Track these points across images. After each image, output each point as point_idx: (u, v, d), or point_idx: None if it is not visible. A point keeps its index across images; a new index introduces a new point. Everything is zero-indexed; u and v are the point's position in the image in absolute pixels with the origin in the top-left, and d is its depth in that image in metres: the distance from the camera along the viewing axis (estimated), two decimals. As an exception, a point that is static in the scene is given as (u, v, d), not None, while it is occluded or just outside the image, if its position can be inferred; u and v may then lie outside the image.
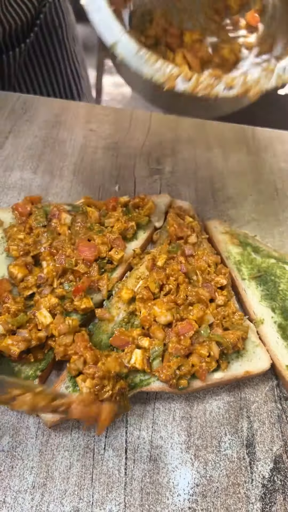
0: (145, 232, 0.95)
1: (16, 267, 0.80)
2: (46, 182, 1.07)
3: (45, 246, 0.84)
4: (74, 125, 1.24)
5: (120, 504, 0.64)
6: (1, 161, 1.10)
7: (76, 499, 0.64)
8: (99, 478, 0.66)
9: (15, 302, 0.76)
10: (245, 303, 0.87)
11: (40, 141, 1.18)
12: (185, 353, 0.74)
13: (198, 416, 0.74)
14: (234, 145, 1.27)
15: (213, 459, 0.69)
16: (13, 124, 1.21)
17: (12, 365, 0.73)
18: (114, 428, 0.71)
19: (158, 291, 0.81)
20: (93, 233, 0.87)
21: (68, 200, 1.04)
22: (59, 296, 0.78)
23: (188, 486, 0.67)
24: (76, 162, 1.14)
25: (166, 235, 0.93)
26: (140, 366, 0.72)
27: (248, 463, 0.70)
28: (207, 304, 0.81)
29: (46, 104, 1.29)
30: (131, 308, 0.80)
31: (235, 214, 1.08)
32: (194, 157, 1.21)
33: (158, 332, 0.75)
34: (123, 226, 0.89)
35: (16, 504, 0.63)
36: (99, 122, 1.26)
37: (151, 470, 0.67)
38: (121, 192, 1.08)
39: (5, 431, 0.69)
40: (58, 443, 0.69)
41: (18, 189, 1.04)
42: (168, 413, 0.74)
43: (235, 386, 0.78)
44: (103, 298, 0.82)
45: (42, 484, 0.65)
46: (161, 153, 1.20)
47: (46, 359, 0.74)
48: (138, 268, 0.87)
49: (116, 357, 0.71)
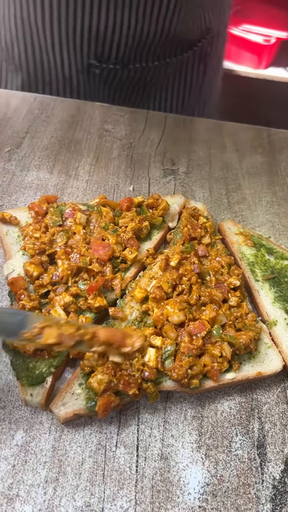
0: (158, 232, 0.95)
1: (31, 265, 0.81)
2: (62, 181, 1.09)
3: (60, 245, 0.85)
4: (90, 125, 1.25)
5: (131, 501, 0.65)
6: (18, 161, 1.12)
7: (87, 495, 0.65)
8: (110, 475, 0.67)
9: (30, 299, 0.77)
10: (258, 305, 0.87)
11: (56, 141, 1.19)
12: (197, 353, 0.74)
13: (209, 415, 0.74)
14: (249, 146, 1.27)
15: (223, 459, 0.70)
16: (30, 124, 1.22)
17: (27, 361, 0.74)
18: (126, 426, 0.72)
19: (171, 291, 0.81)
20: (107, 233, 0.88)
21: (83, 200, 1.05)
22: (73, 295, 0.79)
23: (199, 485, 0.67)
24: (91, 162, 1.15)
25: (179, 235, 0.93)
26: (153, 364, 0.73)
27: (258, 464, 0.70)
28: (220, 305, 0.81)
29: (62, 104, 1.30)
30: (144, 308, 0.81)
31: (249, 215, 1.08)
32: (208, 158, 1.21)
33: (170, 331, 0.76)
34: (137, 226, 0.90)
35: (29, 498, 0.64)
36: (115, 123, 1.27)
37: (162, 468, 0.68)
38: (136, 192, 1.09)
39: (19, 426, 0.70)
40: (70, 439, 0.70)
41: (34, 189, 1.06)
42: (180, 412, 0.74)
43: (247, 387, 0.78)
44: (116, 297, 0.83)
45: (55, 479, 0.66)
46: (176, 153, 1.21)
47: (60, 356, 0.75)
48: (152, 268, 0.87)
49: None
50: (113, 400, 0.68)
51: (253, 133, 1.31)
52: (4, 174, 1.08)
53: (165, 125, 1.29)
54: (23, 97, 1.30)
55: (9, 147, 1.15)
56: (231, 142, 1.27)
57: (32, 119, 1.24)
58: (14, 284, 0.79)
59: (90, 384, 0.70)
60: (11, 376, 0.75)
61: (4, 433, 0.69)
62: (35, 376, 0.73)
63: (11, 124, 1.21)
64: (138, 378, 0.71)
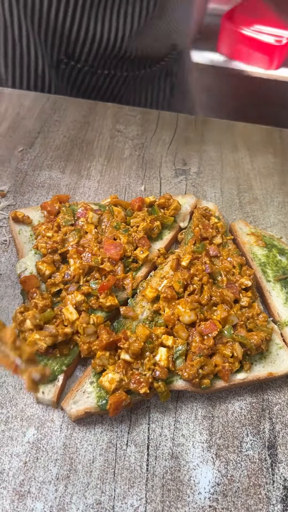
0: (170, 232, 0.95)
1: (44, 264, 0.82)
2: (74, 181, 1.09)
3: (72, 244, 0.85)
4: (102, 125, 1.26)
5: (142, 499, 0.65)
6: (31, 161, 1.13)
7: (98, 492, 0.65)
8: (121, 473, 0.67)
9: (42, 298, 0.78)
10: (270, 305, 0.87)
11: (68, 141, 1.20)
12: (208, 353, 0.74)
13: (220, 415, 0.74)
14: (260, 146, 1.26)
15: (234, 459, 0.70)
16: (42, 124, 1.23)
17: (38, 359, 0.75)
18: (136, 425, 0.72)
19: (182, 291, 0.81)
20: (119, 232, 0.89)
21: (95, 200, 1.05)
22: (85, 293, 0.79)
23: (209, 484, 0.67)
24: (103, 162, 1.15)
25: (191, 235, 0.94)
26: (165, 364, 0.73)
27: (269, 464, 0.70)
28: (231, 305, 0.81)
29: (74, 104, 1.31)
30: (155, 307, 0.81)
31: (261, 215, 1.07)
32: (220, 158, 1.21)
33: (181, 331, 0.76)
34: (148, 225, 0.90)
35: (40, 495, 0.64)
36: (127, 123, 1.28)
37: (172, 467, 0.68)
38: (147, 192, 1.09)
39: (30, 423, 0.71)
40: (82, 437, 0.70)
41: (46, 188, 1.07)
42: (190, 411, 0.74)
43: (258, 387, 0.78)
44: (127, 296, 0.84)
45: (66, 476, 0.66)
46: (187, 154, 1.21)
47: (71, 354, 0.76)
48: (163, 268, 0.88)
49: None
50: (124, 398, 0.69)
51: (264, 134, 1.31)
52: (17, 174, 1.09)
53: (176, 125, 1.29)
54: (36, 97, 1.31)
55: (22, 147, 1.16)
56: (242, 142, 1.27)
57: (44, 119, 1.25)
58: (26, 283, 0.80)
59: (101, 382, 0.71)
60: (23, 374, 0.76)
61: (16, 430, 0.70)
62: (47, 374, 0.73)
63: (24, 124, 1.22)
64: (149, 377, 0.71)
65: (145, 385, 0.70)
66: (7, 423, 0.70)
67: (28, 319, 0.74)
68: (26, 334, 0.74)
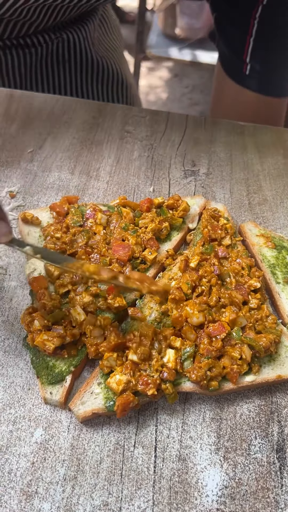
0: (178, 233, 0.95)
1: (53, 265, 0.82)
2: (83, 182, 1.10)
3: (81, 245, 0.86)
4: (111, 126, 1.26)
5: (149, 501, 0.65)
6: (40, 162, 1.13)
7: (105, 494, 0.65)
8: (128, 475, 0.67)
9: (51, 299, 0.78)
10: (279, 307, 0.86)
11: (77, 143, 1.20)
12: (216, 354, 0.74)
13: (228, 418, 0.74)
14: (270, 147, 1.25)
15: (242, 462, 0.69)
16: (52, 125, 1.24)
17: (46, 360, 0.75)
18: (144, 426, 0.72)
19: (191, 292, 0.81)
20: (127, 233, 0.89)
21: (104, 201, 1.06)
22: (93, 295, 0.80)
23: (217, 487, 0.67)
24: (112, 163, 1.16)
25: (199, 236, 0.93)
26: (172, 365, 0.73)
27: (278, 468, 0.69)
28: (240, 307, 0.81)
29: (84, 106, 1.31)
30: (163, 308, 0.81)
31: (270, 216, 1.07)
32: (229, 159, 1.21)
33: (189, 333, 0.76)
34: (156, 227, 0.90)
35: (48, 495, 0.64)
36: (136, 124, 1.28)
37: (180, 470, 0.68)
38: (156, 193, 1.09)
39: (38, 424, 0.71)
40: (89, 438, 0.70)
41: (56, 189, 1.07)
42: (198, 413, 0.74)
43: (267, 390, 0.77)
44: (136, 297, 0.84)
45: (73, 477, 0.66)
46: (197, 154, 1.21)
47: (79, 355, 0.76)
48: (171, 269, 0.87)
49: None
50: (131, 400, 0.69)
51: (274, 134, 1.30)
52: (26, 175, 1.09)
53: (186, 126, 1.29)
54: (46, 98, 1.32)
55: (31, 148, 1.16)
56: (252, 143, 1.26)
57: (54, 120, 1.26)
58: (35, 284, 0.80)
59: (108, 384, 0.71)
60: (31, 374, 0.76)
61: (24, 430, 0.70)
62: (54, 374, 0.74)
63: (34, 126, 1.23)
64: (157, 379, 0.71)
65: (153, 387, 0.70)
66: (15, 423, 0.71)
67: (36, 320, 0.74)
68: (34, 335, 0.74)
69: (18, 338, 0.80)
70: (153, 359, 0.73)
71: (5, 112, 1.26)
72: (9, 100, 1.30)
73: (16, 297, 0.86)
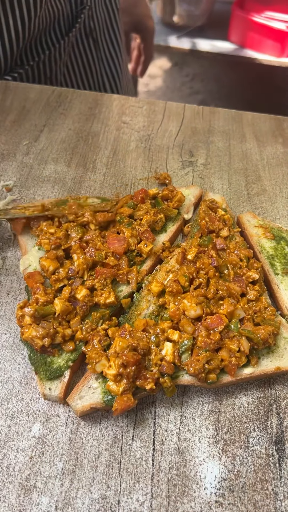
0: (174, 224, 0.94)
1: (47, 260, 0.81)
2: (79, 175, 1.09)
3: (75, 240, 0.85)
4: (107, 117, 1.25)
5: (147, 494, 0.65)
6: (36, 154, 1.12)
7: (104, 487, 0.65)
8: (126, 468, 0.67)
9: (45, 293, 0.77)
10: (278, 298, 0.85)
11: (74, 134, 1.19)
12: (214, 347, 0.73)
13: (226, 410, 0.73)
14: (269, 136, 1.24)
15: (241, 454, 0.69)
16: (48, 117, 1.23)
17: (44, 355, 0.74)
18: (142, 420, 0.72)
19: (188, 285, 0.81)
20: (122, 226, 0.88)
21: (101, 193, 1.05)
22: (89, 288, 0.79)
23: (215, 480, 0.67)
24: (109, 155, 1.14)
25: (197, 228, 0.92)
26: (170, 359, 0.72)
27: (276, 460, 0.69)
28: (238, 299, 0.80)
29: (80, 97, 1.30)
30: (161, 301, 0.80)
31: (269, 207, 1.05)
32: (228, 149, 1.19)
33: (187, 325, 0.75)
34: (152, 218, 0.89)
35: (46, 489, 0.64)
36: (133, 114, 1.26)
37: (178, 463, 0.68)
38: (154, 184, 1.08)
39: (36, 418, 0.71)
40: (87, 432, 0.70)
41: (52, 182, 1.06)
42: (197, 406, 0.74)
43: (265, 382, 0.77)
44: (132, 290, 0.83)
45: (71, 471, 0.66)
46: (194, 145, 1.19)
47: (77, 349, 0.75)
48: (168, 261, 0.87)
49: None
50: (130, 404, 0.68)
51: (274, 123, 1.28)
52: (22, 168, 1.08)
53: (183, 116, 1.28)
54: (41, 90, 1.30)
55: (27, 141, 1.15)
56: (251, 132, 1.25)
57: (50, 111, 1.24)
58: (30, 279, 0.80)
59: (108, 387, 0.70)
60: (28, 369, 0.76)
61: (22, 425, 0.70)
62: (53, 370, 0.73)
63: (29, 117, 1.22)
64: (155, 373, 0.70)
65: (151, 381, 0.69)
66: (13, 418, 0.71)
67: (26, 315, 0.74)
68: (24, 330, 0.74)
69: (15, 333, 0.80)
70: (152, 353, 0.73)
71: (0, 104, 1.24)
72: (4, 92, 1.28)
73: (13, 291, 0.85)
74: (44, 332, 0.72)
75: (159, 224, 0.90)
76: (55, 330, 0.73)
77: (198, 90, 4.02)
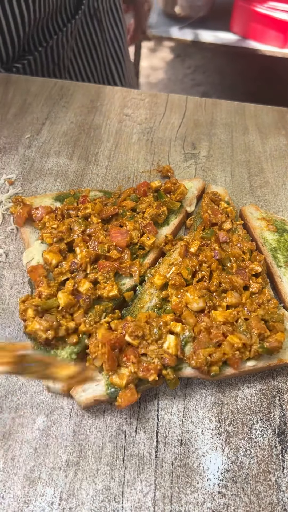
0: (176, 217, 0.94)
1: (50, 253, 0.81)
2: (82, 168, 1.08)
3: (78, 233, 0.85)
4: (109, 110, 1.24)
5: (151, 486, 0.65)
6: (38, 147, 1.12)
7: (108, 478, 0.66)
8: (130, 459, 0.67)
9: (48, 286, 0.77)
10: (281, 291, 0.85)
11: (75, 127, 1.18)
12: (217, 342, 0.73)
13: (229, 402, 0.74)
14: (272, 128, 1.23)
15: (244, 445, 0.69)
16: (49, 110, 1.22)
17: (48, 348, 0.75)
18: (145, 412, 0.72)
19: (191, 278, 0.81)
20: (125, 219, 0.88)
21: (103, 186, 1.04)
22: (92, 281, 0.79)
23: (218, 471, 0.67)
24: (111, 147, 1.14)
25: (200, 221, 0.92)
26: (173, 351, 0.72)
27: (279, 451, 0.69)
28: (241, 291, 0.80)
29: (82, 89, 1.29)
30: (164, 294, 0.80)
31: (272, 199, 1.05)
32: (230, 141, 1.19)
33: (189, 318, 0.75)
34: (154, 211, 0.89)
35: (51, 480, 0.65)
36: (135, 107, 1.26)
37: (181, 454, 0.68)
38: (156, 177, 1.08)
39: (40, 410, 0.71)
40: (91, 424, 0.70)
41: (54, 175, 1.06)
42: (200, 398, 0.74)
43: (268, 374, 0.77)
44: (135, 283, 0.83)
45: (76, 462, 0.67)
46: (197, 137, 1.19)
47: (81, 342, 0.76)
48: (171, 254, 0.87)
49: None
50: (134, 399, 0.68)
51: (276, 115, 1.27)
52: (24, 161, 1.08)
53: (185, 108, 1.27)
54: (43, 83, 1.30)
55: (29, 134, 1.15)
56: (253, 124, 1.24)
57: (52, 104, 1.24)
58: (33, 272, 0.80)
59: (112, 380, 0.70)
60: (32, 362, 0.76)
61: (26, 417, 0.70)
62: (56, 362, 0.73)
63: (31, 110, 1.21)
64: (158, 365, 0.71)
65: (154, 373, 0.70)
66: (17, 410, 0.71)
67: (29, 308, 0.74)
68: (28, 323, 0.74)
69: (19, 326, 0.80)
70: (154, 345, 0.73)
71: (1, 97, 1.24)
72: (6, 85, 1.28)
73: (16, 285, 0.86)
74: (48, 325, 0.72)
75: (161, 217, 0.90)
76: (59, 323, 0.74)
77: (201, 82, 4.00)
